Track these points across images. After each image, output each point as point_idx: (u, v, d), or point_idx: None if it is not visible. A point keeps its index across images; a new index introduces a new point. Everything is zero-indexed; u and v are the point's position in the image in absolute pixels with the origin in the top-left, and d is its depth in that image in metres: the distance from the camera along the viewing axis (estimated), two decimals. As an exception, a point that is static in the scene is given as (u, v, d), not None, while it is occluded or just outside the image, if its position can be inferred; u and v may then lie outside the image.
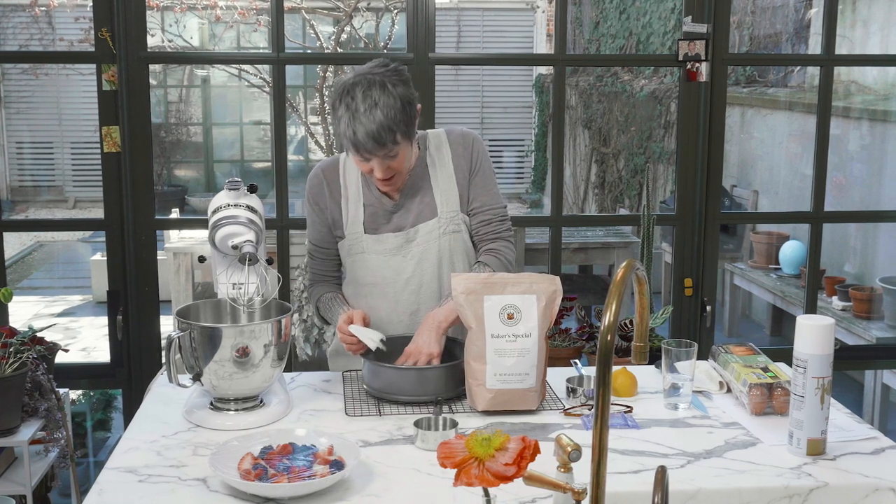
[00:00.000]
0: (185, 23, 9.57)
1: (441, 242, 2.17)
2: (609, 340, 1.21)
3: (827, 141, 3.26)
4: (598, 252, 5.54)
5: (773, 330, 5.95)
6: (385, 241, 2.16)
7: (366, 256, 2.17)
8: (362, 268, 2.18)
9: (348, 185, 2.18)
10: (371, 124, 1.96)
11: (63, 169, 11.71)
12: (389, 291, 2.18)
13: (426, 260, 2.17)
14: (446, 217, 2.17)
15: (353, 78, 2.01)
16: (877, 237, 5.18)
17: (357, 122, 1.96)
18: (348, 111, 1.98)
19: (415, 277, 2.17)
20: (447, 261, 2.18)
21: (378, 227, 2.17)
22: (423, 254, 2.17)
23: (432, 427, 1.75)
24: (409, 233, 2.17)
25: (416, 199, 2.17)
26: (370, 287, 2.19)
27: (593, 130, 8.98)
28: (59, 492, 3.03)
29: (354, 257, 2.18)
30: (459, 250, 2.19)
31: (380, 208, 2.17)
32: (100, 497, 1.54)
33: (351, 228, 2.17)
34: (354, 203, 2.18)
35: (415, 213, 2.17)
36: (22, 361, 2.45)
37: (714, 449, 1.74)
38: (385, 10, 7.20)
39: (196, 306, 1.97)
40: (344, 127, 1.99)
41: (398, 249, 2.16)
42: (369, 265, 2.17)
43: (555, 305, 1.92)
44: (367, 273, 2.18)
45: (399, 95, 1.99)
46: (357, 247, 2.17)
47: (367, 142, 1.97)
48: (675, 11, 7.68)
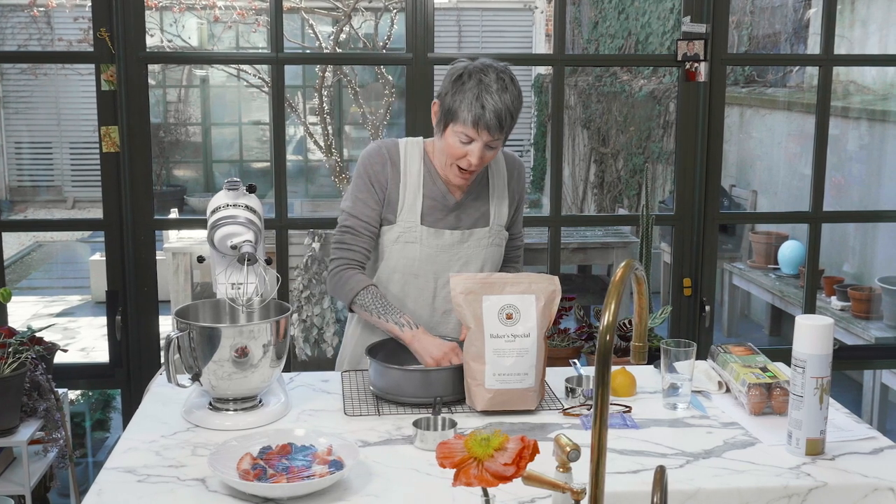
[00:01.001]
0: (184, 23, 9.57)
1: (487, 251, 2.21)
2: (608, 340, 1.21)
3: (826, 141, 3.26)
4: (597, 252, 5.55)
5: (772, 330, 5.96)
6: (441, 237, 2.18)
7: (417, 247, 2.17)
8: (409, 257, 2.17)
9: (409, 172, 2.18)
10: (500, 103, 2.01)
11: (62, 169, 11.71)
12: (429, 287, 2.19)
13: (471, 264, 2.20)
14: (496, 229, 2.23)
15: (483, 62, 2.07)
16: (876, 237, 5.18)
17: (489, 96, 2.01)
18: (480, 85, 2.01)
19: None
20: (487, 270, 2.21)
21: (435, 221, 2.18)
22: (471, 257, 2.20)
23: (431, 427, 1.75)
24: (465, 234, 2.19)
25: (475, 204, 2.21)
26: (411, 277, 2.19)
27: (592, 130, 8.99)
28: (57, 492, 3.02)
29: (404, 245, 2.17)
30: (496, 263, 2.25)
31: (441, 203, 2.18)
32: (99, 497, 1.54)
33: (406, 216, 2.16)
34: (413, 191, 2.17)
35: (472, 217, 2.21)
36: (21, 361, 2.45)
37: (713, 449, 1.74)
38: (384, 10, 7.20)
39: (195, 306, 1.97)
40: (470, 99, 2.01)
41: (450, 247, 2.18)
42: (418, 256, 2.17)
43: (554, 305, 1.92)
44: (412, 263, 2.18)
45: (520, 93, 2.07)
46: (410, 235, 2.17)
47: (492, 119, 2.01)
48: (673, 11, 7.68)
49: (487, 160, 2.09)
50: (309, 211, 6.53)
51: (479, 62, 2.07)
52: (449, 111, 2.05)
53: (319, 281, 4.81)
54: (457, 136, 2.05)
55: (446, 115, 2.06)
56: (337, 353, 4.84)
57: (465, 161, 2.07)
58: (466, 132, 2.03)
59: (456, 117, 2.04)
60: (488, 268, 2.23)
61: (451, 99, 2.05)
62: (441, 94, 2.09)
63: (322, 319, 4.81)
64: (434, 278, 2.19)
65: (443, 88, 2.09)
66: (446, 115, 2.06)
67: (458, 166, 2.09)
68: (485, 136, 2.03)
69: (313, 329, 4.82)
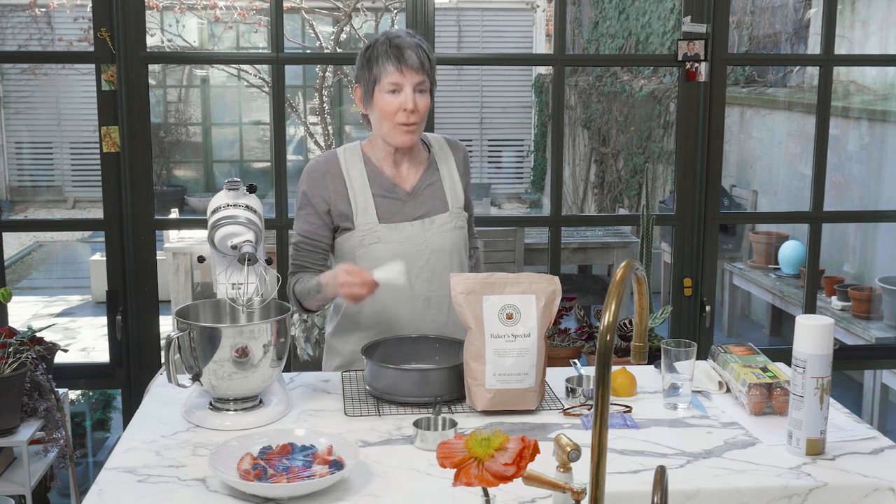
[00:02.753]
0: (185, 23, 9.57)
1: (452, 235, 2.24)
2: (608, 340, 1.21)
3: (826, 141, 3.26)
4: (598, 252, 5.55)
5: (773, 330, 5.96)
6: (402, 230, 2.19)
7: (380, 246, 2.17)
8: (376, 258, 2.16)
9: (352, 177, 2.20)
10: (412, 42, 2.11)
11: (62, 169, 11.71)
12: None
13: (440, 250, 2.21)
14: (456, 212, 2.25)
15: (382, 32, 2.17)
16: (876, 237, 5.18)
17: (399, 40, 2.10)
18: (388, 39, 2.11)
19: (428, 266, 2.19)
20: (456, 253, 2.24)
21: (392, 216, 2.19)
22: (437, 244, 2.21)
23: (431, 427, 1.75)
24: (426, 222, 2.21)
25: (428, 192, 2.23)
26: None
27: (592, 130, 8.99)
28: (58, 492, 3.02)
29: (368, 247, 2.17)
30: (462, 245, 2.27)
31: (392, 196, 2.20)
32: (99, 497, 1.54)
33: (363, 219, 2.17)
34: (362, 193, 2.18)
35: (429, 204, 2.23)
36: (21, 361, 2.45)
37: (713, 449, 1.74)
38: (384, 9, 7.20)
39: (195, 306, 1.97)
40: (384, 51, 2.09)
41: (413, 238, 2.19)
42: (383, 255, 2.16)
43: (554, 305, 1.92)
44: (381, 262, 2.16)
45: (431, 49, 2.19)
46: (371, 237, 2.17)
47: (411, 55, 2.08)
48: (674, 11, 7.68)
49: (423, 108, 2.13)
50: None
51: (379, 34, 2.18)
52: (370, 77, 2.12)
53: (320, 281, 4.81)
54: (385, 93, 2.11)
55: (371, 83, 2.13)
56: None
57: (403, 113, 2.10)
58: (392, 80, 2.09)
59: (378, 76, 2.11)
60: (457, 252, 2.24)
61: (368, 67, 2.13)
62: (357, 74, 2.17)
63: (322, 319, 4.81)
64: (408, 270, 2.16)
65: (357, 69, 2.18)
66: (371, 83, 2.13)
67: (399, 124, 2.12)
68: (410, 76, 2.09)
69: (314, 329, 4.82)
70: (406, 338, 2.13)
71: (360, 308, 2.21)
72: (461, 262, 2.26)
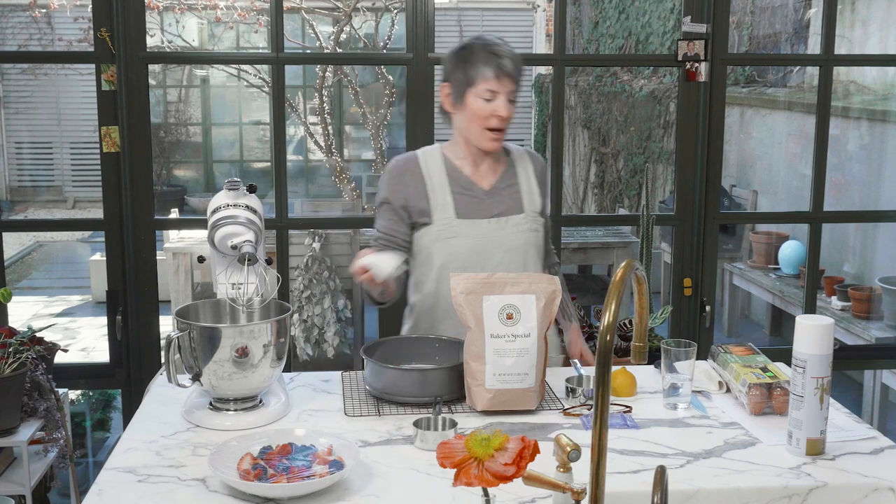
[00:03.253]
0: (185, 23, 9.57)
1: (527, 236, 2.28)
2: (608, 340, 1.22)
3: (826, 141, 3.26)
4: (598, 252, 5.54)
5: (773, 330, 5.96)
6: (478, 227, 2.23)
7: (457, 241, 2.22)
8: (453, 252, 2.22)
9: (432, 174, 2.25)
10: (510, 52, 2.16)
11: (62, 169, 11.71)
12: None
13: (513, 250, 2.25)
14: (531, 215, 2.30)
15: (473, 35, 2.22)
16: (876, 237, 5.18)
17: (497, 48, 2.15)
18: (485, 46, 2.16)
19: (501, 265, 2.23)
20: (529, 255, 2.28)
21: (470, 213, 2.24)
22: (511, 243, 2.25)
23: (431, 427, 1.75)
24: (501, 221, 2.26)
25: (505, 193, 2.28)
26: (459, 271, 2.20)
27: (592, 130, 8.99)
28: (58, 492, 3.02)
29: (444, 242, 2.22)
30: (535, 249, 2.31)
31: (470, 194, 2.25)
32: (99, 497, 1.54)
33: (440, 214, 2.23)
34: (441, 190, 2.24)
35: (506, 204, 2.27)
36: (21, 361, 2.45)
37: (713, 449, 1.74)
38: (385, 10, 7.20)
39: (195, 306, 1.97)
40: (484, 58, 2.14)
41: (489, 235, 2.24)
42: (459, 250, 2.22)
43: (554, 305, 1.92)
44: (456, 258, 2.22)
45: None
46: (447, 231, 2.22)
47: (510, 65, 2.14)
48: (674, 11, 7.68)
49: (511, 115, 2.18)
50: (309, 211, 6.53)
51: (471, 37, 2.22)
52: (465, 79, 2.16)
53: (320, 281, 4.81)
54: (479, 97, 2.15)
55: (464, 84, 2.16)
56: (337, 353, 4.85)
57: (494, 119, 2.16)
58: (489, 87, 2.14)
59: (475, 80, 2.15)
60: (532, 253, 2.29)
61: (463, 69, 2.17)
62: (449, 73, 2.21)
63: (322, 319, 4.81)
64: (481, 268, 2.22)
65: (449, 68, 2.21)
66: (464, 84, 2.16)
67: (488, 128, 2.17)
68: (506, 84, 2.14)
69: (314, 329, 4.82)
70: (406, 338, 2.13)
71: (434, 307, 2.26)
72: (534, 266, 2.29)
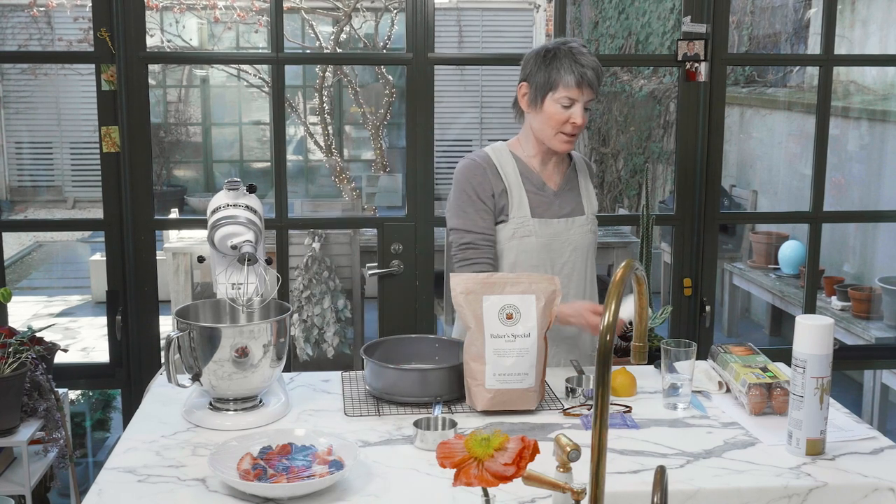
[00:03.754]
0: (185, 23, 9.57)
1: (589, 238, 2.34)
2: (608, 340, 1.22)
3: (826, 141, 3.26)
4: (598, 252, 5.54)
5: (773, 330, 5.96)
6: (551, 226, 2.27)
7: (531, 240, 2.25)
8: (527, 250, 2.25)
9: (507, 172, 2.28)
10: (593, 63, 2.21)
11: (62, 169, 11.71)
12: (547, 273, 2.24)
13: (579, 249, 2.31)
14: (591, 217, 2.36)
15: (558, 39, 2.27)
16: (876, 237, 5.18)
17: (582, 58, 2.19)
18: (570, 53, 2.19)
19: (568, 264, 2.28)
20: (590, 255, 2.35)
21: (543, 212, 2.28)
22: (577, 243, 2.30)
23: (431, 427, 1.75)
24: (569, 221, 2.31)
25: (570, 194, 2.34)
26: (530, 269, 2.26)
27: (592, 130, 8.99)
28: (58, 492, 3.02)
29: (520, 240, 2.25)
30: (595, 249, 2.37)
31: (542, 194, 2.29)
32: (99, 497, 1.54)
33: (518, 212, 2.26)
34: (517, 189, 2.27)
35: (571, 205, 2.33)
36: (21, 361, 2.45)
37: (713, 449, 1.74)
38: (384, 10, 7.20)
39: (195, 306, 1.97)
40: (568, 65, 2.18)
41: (559, 235, 2.28)
42: (532, 248, 2.25)
43: (554, 305, 1.92)
44: (530, 255, 2.25)
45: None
46: (523, 229, 2.25)
47: (592, 76, 2.19)
48: (674, 11, 7.68)
49: (586, 122, 2.23)
50: (309, 211, 6.53)
51: (556, 40, 2.27)
52: (546, 83, 2.20)
53: (320, 281, 4.81)
54: (557, 103, 2.19)
55: (544, 88, 2.21)
56: (337, 353, 4.85)
57: (569, 125, 2.21)
58: (569, 94, 2.18)
59: (556, 85, 2.19)
60: (593, 253, 2.36)
61: (545, 72, 2.20)
62: (530, 74, 2.24)
63: (322, 319, 4.81)
64: (550, 266, 2.27)
65: (530, 69, 2.24)
66: (544, 88, 2.21)
67: (562, 133, 2.22)
68: (587, 93, 2.20)
69: (314, 329, 4.82)
70: (406, 338, 2.13)
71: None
72: (593, 266, 2.36)
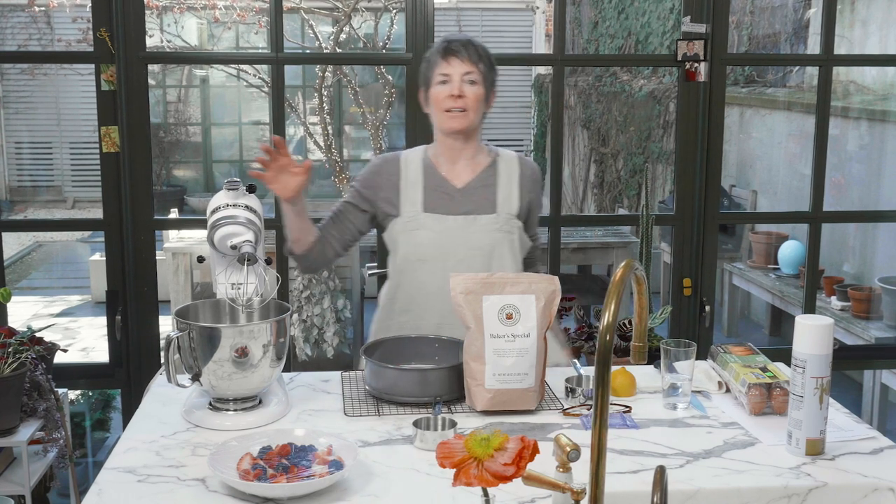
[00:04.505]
0: (184, 23, 9.57)
1: (495, 237, 2.30)
2: (608, 340, 1.21)
3: (826, 141, 3.26)
4: (597, 252, 5.54)
5: (772, 330, 5.95)
6: (444, 221, 2.28)
7: (421, 233, 2.27)
8: (415, 243, 2.27)
9: (409, 169, 2.32)
10: (463, 37, 2.27)
11: (62, 169, 11.71)
12: (438, 269, 2.25)
13: (478, 248, 2.28)
14: (504, 216, 2.32)
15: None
16: (876, 237, 5.18)
17: (451, 36, 2.27)
18: (440, 43, 2.27)
19: (463, 262, 2.25)
20: (497, 255, 2.30)
21: (437, 208, 2.29)
22: (477, 241, 2.28)
23: (431, 427, 1.75)
24: (468, 219, 2.29)
25: (479, 192, 2.32)
26: (419, 263, 2.28)
27: (592, 130, 8.99)
28: (57, 492, 3.02)
29: (409, 233, 2.28)
30: (508, 250, 2.32)
31: (442, 190, 2.30)
32: (99, 497, 1.54)
33: (408, 207, 2.28)
34: (413, 185, 2.30)
35: (477, 203, 2.31)
36: (21, 361, 2.45)
37: (713, 449, 1.74)
38: (384, 10, 7.21)
39: (195, 306, 1.97)
40: (437, 46, 2.26)
41: (454, 231, 2.27)
42: (423, 241, 2.27)
43: (554, 305, 1.92)
44: (419, 249, 2.27)
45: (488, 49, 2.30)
46: (413, 223, 2.28)
47: (458, 46, 2.23)
48: (673, 11, 7.68)
49: (472, 96, 2.24)
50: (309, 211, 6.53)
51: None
52: (426, 72, 2.29)
53: (319, 281, 4.81)
54: (437, 84, 2.25)
55: (426, 79, 2.28)
56: (337, 353, 4.85)
57: (449, 99, 2.23)
58: (441, 70, 2.24)
59: (431, 70, 2.26)
60: (501, 254, 2.29)
61: (426, 69, 2.29)
62: (420, 78, 2.34)
63: (322, 319, 4.81)
64: (442, 262, 2.25)
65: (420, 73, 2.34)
66: (426, 79, 2.28)
67: (446, 111, 2.24)
68: (457, 66, 2.22)
69: (313, 329, 4.82)
70: (406, 337, 2.13)
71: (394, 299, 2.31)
72: (501, 268, 2.29)
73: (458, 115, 2.24)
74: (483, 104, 2.29)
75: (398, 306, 2.32)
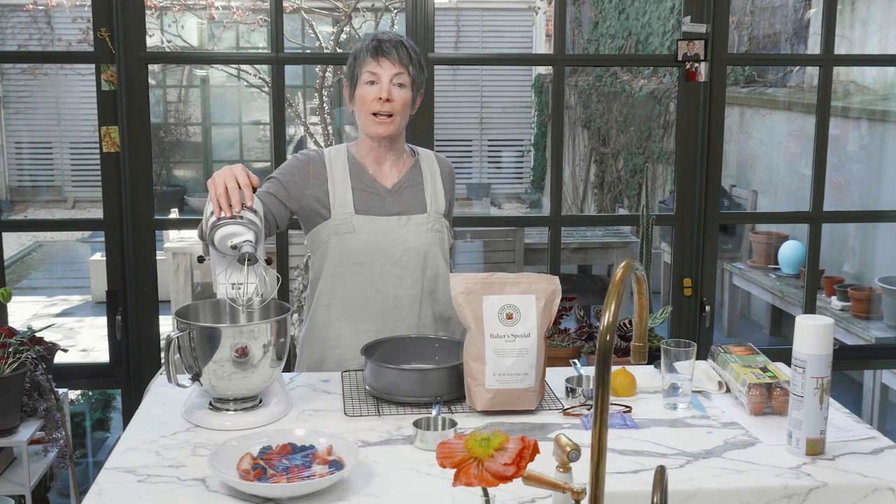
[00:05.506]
0: (184, 23, 9.56)
1: (429, 236, 2.26)
2: (608, 340, 1.21)
3: (826, 141, 3.26)
4: (598, 252, 5.55)
5: (773, 330, 5.96)
6: (377, 223, 2.22)
7: (355, 236, 2.21)
8: (349, 247, 2.21)
9: (334, 169, 2.25)
10: (394, 36, 2.19)
11: (62, 169, 11.71)
12: (375, 273, 2.21)
13: (413, 249, 2.24)
14: (434, 215, 2.28)
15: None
16: (876, 237, 5.18)
17: (382, 36, 2.18)
18: (371, 37, 2.19)
19: (400, 264, 2.22)
20: (431, 255, 2.26)
21: (369, 209, 2.23)
22: (412, 242, 2.24)
23: (431, 427, 1.75)
24: (401, 219, 2.24)
25: (408, 192, 2.27)
26: (355, 267, 2.21)
27: (592, 130, 8.99)
28: (58, 492, 3.02)
29: (342, 236, 2.21)
30: (440, 249, 2.28)
31: (371, 191, 2.24)
32: (99, 497, 1.54)
33: (340, 209, 2.21)
34: (342, 185, 2.23)
35: (408, 203, 2.26)
36: (21, 361, 2.45)
37: (713, 449, 1.74)
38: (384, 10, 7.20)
39: (195, 306, 1.97)
40: (366, 44, 2.18)
41: (388, 233, 2.22)
42: (358, 245, 2.21)
43: (554, 305, 1.92)
44: (353, 253, 2.21)
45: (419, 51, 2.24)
46: (346, 226, 2.21)
47: (388, 47, 2.16)
48: (674, 11, 7.69)
49: (399, 100, 2.18)
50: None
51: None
52: (353, 73, 2.21)
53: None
54: (364, 85, 2.18)
55: (352, 77, 2.21)
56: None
57: (377, 102, 2.16)
58: (369, 69, 2.17)
59: (359, 66, 2.19)
60: (435, 253, 2.26)
61: (353, 65, 2.22)
62: (346, 74, 2.26)
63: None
64: (378, 265, 2.21)
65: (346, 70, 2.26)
66: (352, 77, 2.21)
67: (373, 114, 2.18)
68: (387, 67, 2.16)
69: (313, 329, 4.81)
70: (406, 337, 2.13)
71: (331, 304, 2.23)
72: (435, 267, 2.26)
73: (384, 120, 2.18)
74: (410, 108, 2.23)
75: (336, 313, 2.24)
